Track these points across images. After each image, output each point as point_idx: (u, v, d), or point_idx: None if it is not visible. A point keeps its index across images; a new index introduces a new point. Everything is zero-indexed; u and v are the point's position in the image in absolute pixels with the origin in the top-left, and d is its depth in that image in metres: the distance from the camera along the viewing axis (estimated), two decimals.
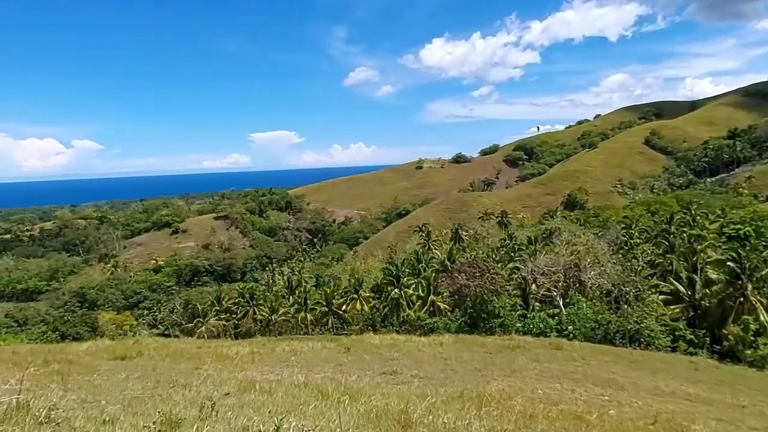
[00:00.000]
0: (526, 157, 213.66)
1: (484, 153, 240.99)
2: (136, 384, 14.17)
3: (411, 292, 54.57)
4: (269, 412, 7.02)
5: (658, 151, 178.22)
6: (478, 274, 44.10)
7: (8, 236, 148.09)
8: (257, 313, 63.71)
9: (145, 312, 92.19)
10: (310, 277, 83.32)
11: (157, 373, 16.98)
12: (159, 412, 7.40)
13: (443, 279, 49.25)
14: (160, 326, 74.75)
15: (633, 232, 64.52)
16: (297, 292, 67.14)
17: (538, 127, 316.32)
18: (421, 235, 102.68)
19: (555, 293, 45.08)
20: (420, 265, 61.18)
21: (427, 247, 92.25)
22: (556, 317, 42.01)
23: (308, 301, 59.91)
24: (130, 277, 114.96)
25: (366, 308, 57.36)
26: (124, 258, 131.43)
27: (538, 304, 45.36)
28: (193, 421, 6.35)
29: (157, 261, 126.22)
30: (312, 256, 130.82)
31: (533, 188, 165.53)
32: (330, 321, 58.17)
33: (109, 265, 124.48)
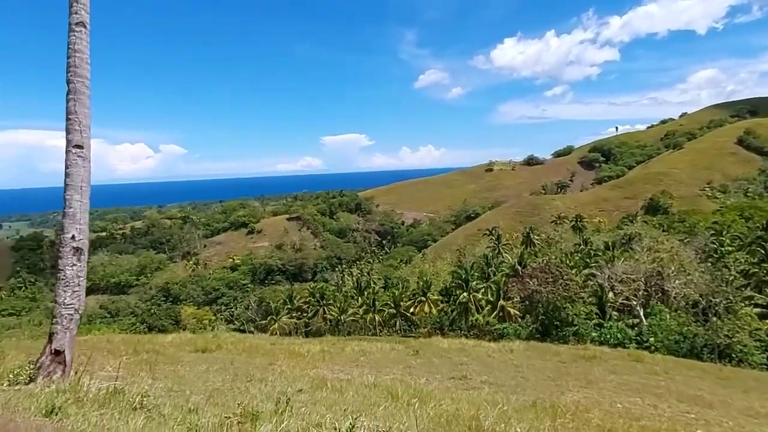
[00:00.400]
0: (603, 158, 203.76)
1: (557, 155, 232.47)
2: (216, 376, 14.93)
3: (480, 296, 53.73)
4: (342, 410, 7.17)
5: (753, 152, 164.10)
6: (550, 279, 42.67)
7: (104, 234, 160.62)
8: (327, 312, 65.15)
9: (223, 308, 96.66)
10: (379, 279, 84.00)
11: (235, 367, 17.80)
12: (238, 404, 7.76)
13: (514, 284, 48.09)
14: (236, 322, 78.14)
15: (724, 239, 59.99)
16: (366, 293, 67.98)
17: (616, 128, 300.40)
18: (491, 239, 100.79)
19: (635, 302, 42.75)
20: (489, 269, 60.09)
21: (497, 251, 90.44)
22: (636, 328, 39.83)
23: (377, 303, 60.50)
24: (210, 274, 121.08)
25: (434, 311, 57.10)
26: (205, 256, 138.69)
27: (615, 313, 43.20)
28: (270, 415, 6.60)
29: (234, 259, 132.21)
30: (381, 257, 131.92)
31: (611, 191, 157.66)
32: (398, 323, 58.43)
33: (191, 263, 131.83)
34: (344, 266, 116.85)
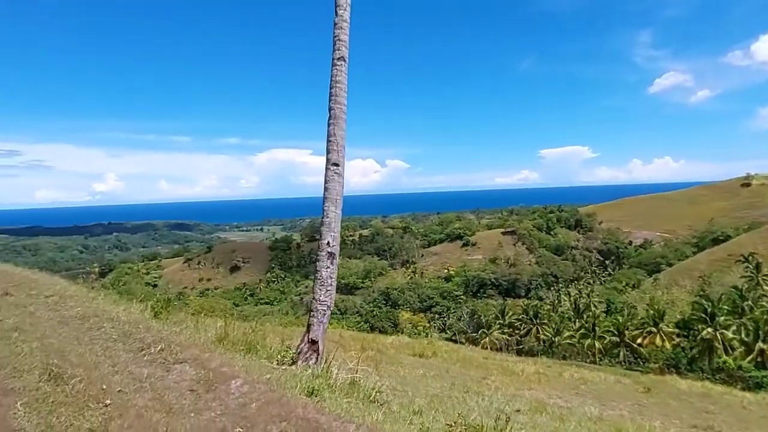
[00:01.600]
0: None
1: None
2: (434, 382, 15.57)
3: (730, 335, 45.29)
4: None
5: None
6: None
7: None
8: (540, 332, 62.44)
9: (437, 316, 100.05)
10: (600, 302, 77.40)
11: (451, 376, 18.31)
12: (458, 414, 7.97)
13: None
14: (448, 331, 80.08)
15: None
16: (585, 316, 63.20)
17: None
18: (747, 267, 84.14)
19: None
20: (744, 303, 50.23)
21: (755, 282, 75.16)
22: None
23: (597, 328, 55.67)
24: (426, 282, 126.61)
25: (667, 345, 50.02)
26: (422, 265, 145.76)
27: None
28: None
29: (448, 270, 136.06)
30: (602, 279, 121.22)
31: None
32: (621, 353, 52.77)
33: (409, 270, 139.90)
34: (561, 285, 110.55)
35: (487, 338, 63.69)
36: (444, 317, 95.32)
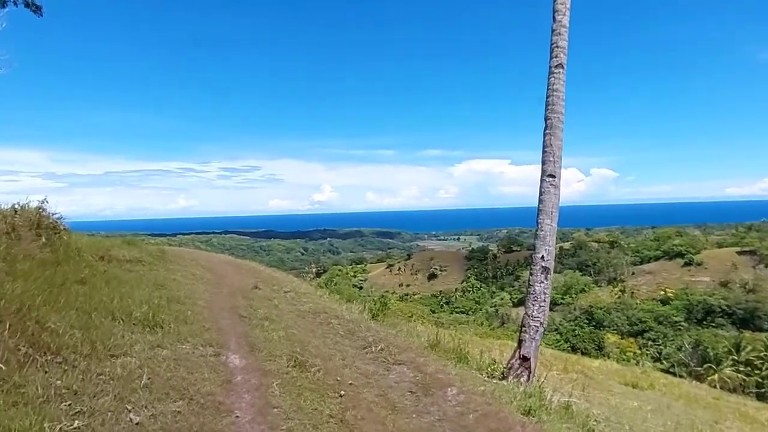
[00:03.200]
0: None
1: None
2: (653, 418, 13.89)
3: None
4: None
5: None
6: None
7: None
8: None
9: (650, 343, 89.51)
10: None
11: (673, 414, 16.10)
12: None
13: None
14: (664, 361, 70.91)
15: None
16: None
17: None
18: None
19: None
20: None
21: None
22: None
23: None
24: (636, 304, 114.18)
25: None
26: (632, 284, 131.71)
27: None
28: None
29: (665, 292, 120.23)
30: None
31: None
32: None
33: (616, 289, 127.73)
34: None
35: (716, 375, 54.46)
36: (659, 345, 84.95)
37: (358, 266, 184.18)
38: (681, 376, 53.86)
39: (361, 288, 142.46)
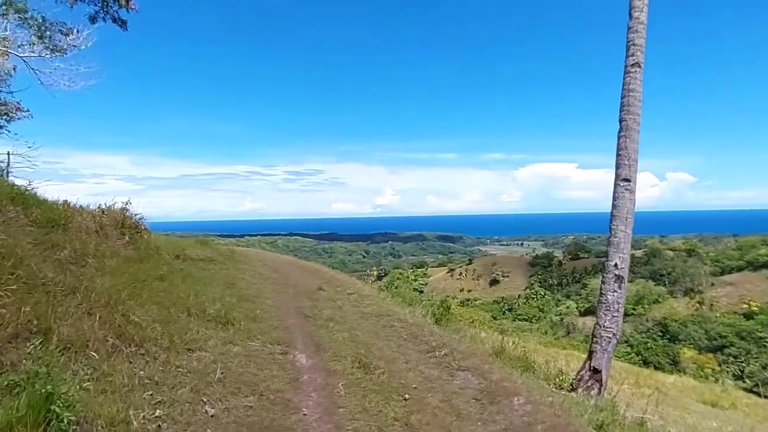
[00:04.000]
0: None
1: None
2: None
3: None
4: None
5: None
6: None
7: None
8: None
9: (731, 359, 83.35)
10: None
11: None
12: None
13: None
14: (747, 380, 65.77)
15: None
16: None
17: None
18: None
19: None
20: None
21: None
22: None
23: None
24: (716, 317, 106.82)
25: None
26: (711, 295, 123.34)
27: None
28: None
29: (749, 305, 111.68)
30: None
31: None
32: None
33: (693, 301, 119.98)
34: None
35: None
36: (741, 362, 78.82)
37: (419, 270, 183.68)
38: (766, 397, 49.79)
39: (421, 292, 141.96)
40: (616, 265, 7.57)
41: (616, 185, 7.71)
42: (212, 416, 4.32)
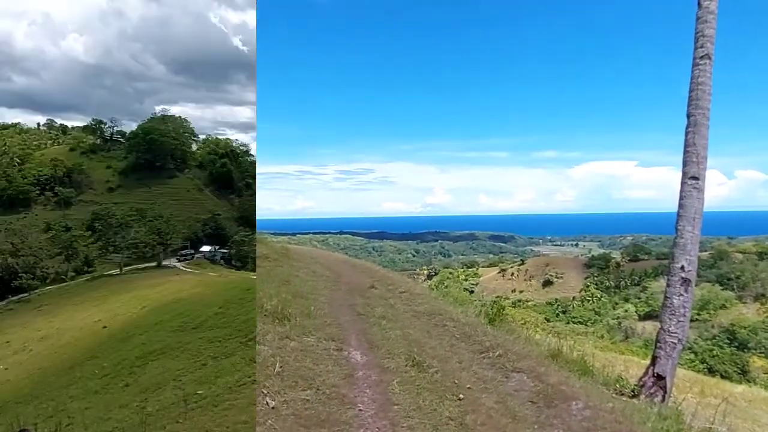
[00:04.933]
0: None
1: None
2: None
3: None
4: None
5: None
6: None
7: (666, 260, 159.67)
8: None
9: None
10: None
11: None
12: None
13: None
14: None
15: None
16: None
17: None
18: None
19: None
20: None
21: None
22: None
23: None
24: None
25: None
26: None
27: None
28: None
29: None
30: None
31: None
32: None
33: (765, 306, 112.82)
34: None
35: None
36: None
37: (470, 270, 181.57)
38: None
39: (472, 292, 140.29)
40: (682, 267, 7.21)
41: (683, 184, 7.34)
42: (272, 408, 4.45)
